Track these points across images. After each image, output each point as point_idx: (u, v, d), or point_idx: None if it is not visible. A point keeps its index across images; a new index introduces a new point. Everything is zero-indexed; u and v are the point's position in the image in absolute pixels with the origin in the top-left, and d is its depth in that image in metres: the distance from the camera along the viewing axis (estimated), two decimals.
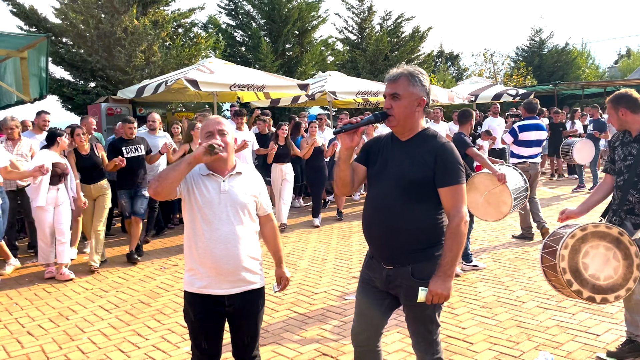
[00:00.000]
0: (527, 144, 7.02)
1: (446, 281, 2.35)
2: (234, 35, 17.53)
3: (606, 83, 23.93)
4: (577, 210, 3.59)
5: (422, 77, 2.44)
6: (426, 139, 2.47)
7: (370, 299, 2.64)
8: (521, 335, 4.00)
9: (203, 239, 2.53)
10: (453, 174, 2.39)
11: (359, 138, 2.49)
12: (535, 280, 5.31)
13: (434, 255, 2.44)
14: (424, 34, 20.05)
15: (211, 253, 2.52)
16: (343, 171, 2.55)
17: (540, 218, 6.99)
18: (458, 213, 2.37)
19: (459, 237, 2.35)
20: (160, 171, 2.54)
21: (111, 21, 11.68)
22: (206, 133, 2.56)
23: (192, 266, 2.59)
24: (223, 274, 2.55)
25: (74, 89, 12.10)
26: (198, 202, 2.53)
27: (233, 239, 2.55)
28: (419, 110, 2.46)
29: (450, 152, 2.41)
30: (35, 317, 4.91)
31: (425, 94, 2.45)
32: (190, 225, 2.57)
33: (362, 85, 12.63)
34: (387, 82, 2.48)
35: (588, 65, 33.28)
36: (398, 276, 2.49)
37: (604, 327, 4.07)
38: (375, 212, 2.52)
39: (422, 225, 2.43)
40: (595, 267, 3.15)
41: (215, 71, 9.91)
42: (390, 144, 2.56)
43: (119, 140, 6.95)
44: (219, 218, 2.53)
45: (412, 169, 2.41)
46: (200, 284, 2.57)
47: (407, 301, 2.51)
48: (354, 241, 7.38)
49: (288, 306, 4.90)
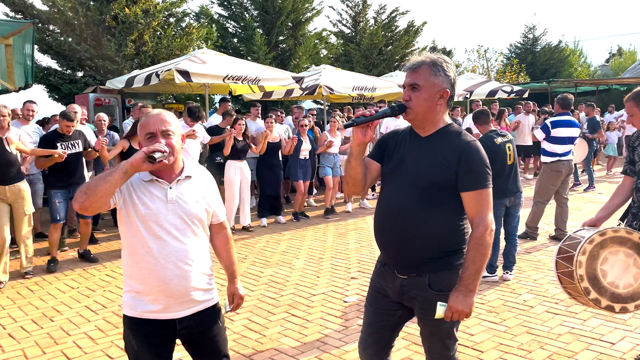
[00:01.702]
0: (560, 141, 6.75)
1: (468, 296, 2.12)
2: (226, 26, 17.18)
3: (599, 81, 23.92)
4: (596, 218, 3.36)
5: (447, 67, 2.17)
6: (449, 136, 2.20)
7: (381, 309, 2.41)
8: (533, 343, 3.80)
9: (148, 257, 2.11)
10: (479, 176, 2.13)
11: (372, 132, 2.22)
12: (541, 283, 5.13)
13: (454, 265, 2.21)
14: (418, 29, 19.83)
15: (158, 274, 2.11)
16: (354, 168, 2.27)
17: (563, 227, 6.78)
18: (483, 221, 2.12)
19: (484, 247, 2.11)
20: (87, 182, 2.03)
21: (100, 9, 11.33)
22: (147, 135, 2.12)
23: (134, 287, 2.16)
24: (173, 296, 2.14)
25: (61, 78, 11.74)
26: (140, 214, 2.10)
27: (184, 256, 2.15)
28: (441, 104, 2.19)
29: (477, 152, 2.15)
30: (17, 317, 4.64)
31: (449, 86, 2.18)
32: (130, 241, 2.13)
33: (357, 79, 12.39)
34: (406, 71, 2.21)
35: (580, 63, 33.29)
36: (413, 287, 2.25)
37: (618, 335, 3.89)
38: (389, 216, 2.27)
39: (441, 231, 2.18)
40: (614, 275, 2.95)
41: (207, 62, 9.62)
42: (408, 140, 2.29)
43: (53, 135, 6.09)
44: (167, 232, 2.12)
45: (432, 170, 2.16)
46: (144, 308, 2.15)
47: (422, 315, 2.28)
48: (351, 239, 7.17)
49: (285, 309, 4.67)
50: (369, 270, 5.71)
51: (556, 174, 6.77)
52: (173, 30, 12.92)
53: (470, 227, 2.17)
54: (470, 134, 6.71)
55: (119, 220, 2.17)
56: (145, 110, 8.57)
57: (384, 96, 13.40)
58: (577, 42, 35.06)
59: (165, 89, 11.76)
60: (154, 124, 2.13)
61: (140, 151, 2.03)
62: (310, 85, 11.36)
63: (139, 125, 2.19)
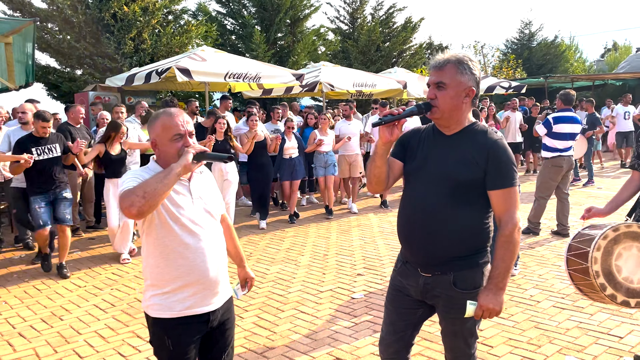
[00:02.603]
0: (561, 137, 6.79)
1: (498, 294, 2.13)
2: (224, 23, 17.13)
3: (595, 76, 23.98)
4: (604, 210, 3.41)
5: (472, 65, 2.17)
6: (475, 135, 2.20)
7: (402, 308, 2.42)
8: (542, 337, 3.84)
9: (186, 253, 2.14)
10: (507, 175, 2.13)
11: (399, 131, 2.23)
12: (547, 278, 5.17)
13: (478, 263, 2.23)
14: (416, 25, 19.80)
15: (198, 268, 2.16)
16: (379, 167, 2.28)
17: (566, 222, 6.84)
18: (511, 219, 2.13)
19: (513, 245, 2.13)
20: (140, 186, 1.95)
21: (99, 7, 11.29)
22: (175, 136, 2.12)
23: (167, 288, 2.16)
24: (210, 287, 2.22)
25: (60, 76, 11.70)
26: (171, 213, 2.11)
27: (215, 247, 2.25)
28: (466, 102, 2.19)
29: (504, 151, 2.15)
30: (26, 317, 4.65)
31: (474, 84, 2.18)
32: (163, 241, 2.13)
33: (357, 76, 12.40)
34: (431, 70, 2.21)
35: (576, 58, 33.39)
36: (437, 285, 2.26)
37: (626, 329, 3.93)
38: (414, 215, 2.27)
39: (466, 230, 2.18)
40: (628, 270, 2.98)
41: (207, 59, 9.61)
42: (431, 138, 2.29)
43: (27, 138, 5.64)
44: (198, 226, 2.18)
45: (459, 168, 2.16)
46: (182, 306, 2.17)
47: (446, 314, 2.30)
48: (354, 236, 7.20)
49: (294, 305, 4.70)
50: (375, 267, 5.74)
51: (557, 169, 6.81)
52: (172, 28, 12.89)
53: (498, 225, 2.18)
54: None
55: (147, 225, 2.14)
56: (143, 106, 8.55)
57: (383, 93, 13.43)
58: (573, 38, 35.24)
59: (165, 86, 11.74)
60: (181, 125, 2.14)
61: (187, 152, 2.05)
62: (310, 82, 11.36)
63: (160, 126, 2.15)
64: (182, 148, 2.11)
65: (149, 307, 2.21)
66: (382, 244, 6.70)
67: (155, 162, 2.21)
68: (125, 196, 1.94)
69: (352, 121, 9.21)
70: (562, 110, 6.95)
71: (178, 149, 2.12)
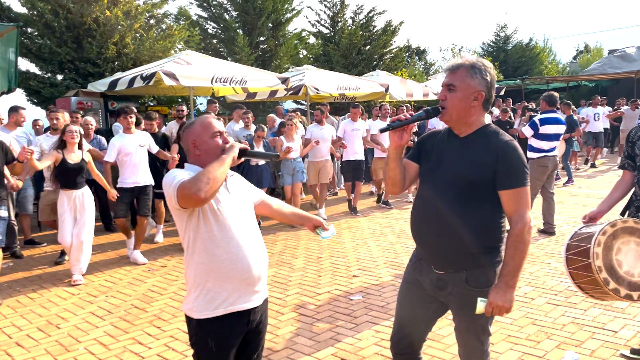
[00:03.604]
0: (547, 138, 6.94)
1: (508, 292, 2.19)
2: (205, 27, 17.08)
3: (569, 78, 24.53)
4: (597, 210, 3.50)
5: (484, 69, 2.25)
6: (487, 136, 2.27)
7: (416, 302, 2.48)
8: (540, 333, 3.94)
9: (229, 247, 2.21)
10: (517, 175, 2.19)
11: (408, 136, 2.34)
12: (538, 275, 5.29)
13: (492, 262, 2.29)
14: (396, 28, 20.00)
15: (242, 262, 2.23)
16: (392, 170, 2.40)
17: (551, 220, 6.99)
18: (522, 218, 2.19)
19: (523, 244, 2.18)
20: (202, 173, 2.08)
21: (81, 11, 11.14)
22: (215, 133, 2.30)
23: (212, 287, 2.21)
24: (252, 282, 2.28)
25: (41, 81, 11.49)
26: (213, 208, 2.22)
27: (256, 242, 2.34)
28: (475, 105, 2.25)
29: (515, 151, 2.21)
30: (22, 326, 4.58)
31: (484, 88, 2.24)
32: (205, 237, 2.20)
33: (341, 79, 12.49)
34: (445, 72, 2.30)
35: (549, 60, 34.03)
36: (450, 282, 2.33)
37: (619, 323, 4.06)
38: (428, 215, 2.34)
39: (479, 229, 2.24)
40: (628, 264, 3.08)
41: (192, 63, 9.58)
42: (446, 140, 2.37)
43: None
44: (239, 221, 2.29)
45: (470, 169, 2.23)
46: (225, 303, 2.22)
47: (459, 311, 2.36)
48: (345, 238, 7.25)
49: (293, 308, 4.72)
50: (369, 268, 5.80)
51: (543, 169, 6.98)
52: (155, 32, 12.79)
53: (509, 224, 2.25)
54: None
55: (192, 221, 2.20)
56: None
57: (367, 96, 13.54)
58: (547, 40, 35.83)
59: (148, 91, 11.64)
60: (218, 125, 2.32)
61: (233, 146, 2.26)
62: (295, 85, 11.41)
63: (199, 126, 2.30)
64: (224, 144, 2.28)
65: (193, 309, 2.23)
66: (374, 245, 6.76)
67: (191, 165, 2.31)
68: (189, 184, 2.05)
69: (325, 126, 8.92)
70: (547, 111, 7.12)
71: (219, 145, 2.28)
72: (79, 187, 5.86)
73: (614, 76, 21.37)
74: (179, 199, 2.09)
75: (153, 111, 9.13)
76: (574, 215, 8.08)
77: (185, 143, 2.35)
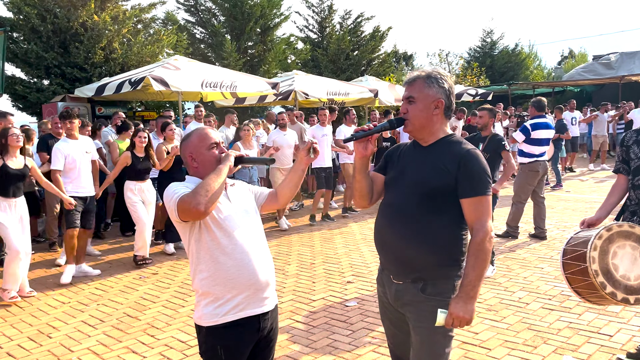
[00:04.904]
0: (538, 143, 7.01)
1: (468, 303, 2.11)
2: (193, 32, 17.00)
3: (555, 83, 24.84)
4: (595, 217, 3.50)
5: (440, 78, 2.24)
6: (450, 145, 2.24)
7: (392, 318, 2.39)
8: (536, 338, 3.95)
9: (234, 254, 2.20)
10: (478, 183, 2.14)
11: (373, 146, 2.36)
12: (532, 280, 5.32)
13: (451, 275, 2.21)
14: (384, 34, 20.08)
15: (247, 268, 2.21)
16: (358, 182, 2.38)
17: (543, 225, 7.04)
18: (482, 227, 2.12)
19: (484, 254, 2.11)
20: (200, 186, 2.11)
21: (68, 16, 11.03)
22: (212, 144, 2.30)
23: (220, 294, 2.20)
24: (260, 288, 2.26)
25: (27, 87, 11.36)
26: (214, 218, 2.21)
27: (261, 248, 2.32)
28: (437, 114, 2.24)
29: (476, 159, 2.17)
30: (12, 335, 4.49)
31: (443, 96, 2.24)
32: (210, 245, 2.21)
33: (330, 85, 12.51)
34: (404, 85, 2.30)
35: (535, 66, 34.43)
36: (406, 292, 2.23)
37: (614, 327, 4.08)
38: (388, 222, 2.28)
39: (439, 239, 2.18)
40: (624, 268, 3.10)
41: (181, 68, 9.54)
42: (412, 150, 2.36)
43: None
44: (242, 229, 2.27)
45: (432, 175, 2.19)
46: (234, 310, 2.21)
47: (415, 322, 2.22)
48: (338, 244, 7.24)
49: (288, 315, 4.69)
50: (363, 274, 5.79)
51: (534, 173, 7.04)
52: (142, 37, 12.71)
53: (470, 233, 2.19)
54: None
55: (196, 231, 2.21)
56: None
57: (356, 101, 13.57)
58: (532, 46, 36.16)
59: (136, 96, 11.55)
60: (214, 135, 2.33)
61: (229, 155, 2.28)
62: (284, 90, 11.40)
63: (196, 138, 2.31)
64: (219, 155, 2.30)
65: (202, 317, 2.23)
66: (367, 251, 6.76)
67: (191, 177, 2.33)
68: (189, 198, 2.09)
69: (287, 131, 8.50)
70: (537, 117, 7.19)
71: (216, 156, 2.30)
72: (18, 196, 5.41)
73: (599, 81, 21.68)
74: (179, 213, 2.13)
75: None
76: (564, 219, 8.15)
77: (183, 156, 2.37)
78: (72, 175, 6.01)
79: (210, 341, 2.22)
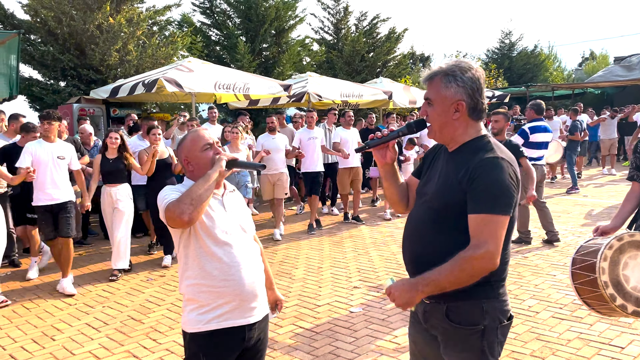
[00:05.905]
0: (536, 146, 6.90)
1: (411, 292, 1.88)
2: (208, 34, 17.05)
3: (574, 85, 24.41)
4: (611, 225, 3.37)
5: (459, 74, 1.93)
6: (472, 151, 1.94)
7: (420, 335, 2.17)
8: (544, 349, 3.83)
9: (221, 264, 2.16)
10: (486, 199, 1.84)
11: (392, 153, 2.17)
12: (543, 288, 5.18)
13: (474, 296, 1.93)
14: (399, 35, 19.94)
15: (233, 277, 2.17)
16: (387, 189, 2.27)
17: (552, 228, 6.88)
18: (481, 246, 1.81)
19: (461, 271, 1.82)
20: (185, 195, 2.08)
21: (84, 18, 11.14)
22: (205, 145, 2.25)
23: (204, 301, 2.17)
24: (247, 299, 2.21)
25: (44, 88, 11.49)
26: (204, 225, 2.16)
27: (251, 258, 2.27)
28: (457, 117, 1.96)
29: (491, 171, 1.85)
30: (16, 337, 4.51)
31: (465, 96, 1.93)
32: (198, 252, 2.17)
33: (344, 86, 12.45)
34: (425, 83, 2.03)
35: (555, 67, 33.93)
36: (433, 314, 2.03)
37: (626, 339, 3.94)
38: (407, 237, 2.12)
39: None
40: (636, 279, 2.98)
41: (194, 70, 9.57)
42: (441, 155, 2.14)
43: None
44: (233, 239, 2.23)
45: (444, 189, 1.96)
46: (218, 319, 2.17)
47: (444, 349, 2.03)
48: (347, 248, 7.16)
49: (292, 320, 4.63)
50: (371, 279, 5.71)
51: None
52: (157, 39, 12.78)
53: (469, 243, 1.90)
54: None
55: (185, 238, 2.19)
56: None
57: (369, 103, 13.48)
58: (552, 47, 35.59)
59: (150, 98, 11.63)
60: (209, 136, 2.29)
61: (220, 159, 2.20)
62: (297, 92, 11.37)
63: (189, 141, 2.28)
64: (214, 156, 2.23)
65: (186, 323, 2.22)
66: (376, 255, 6.67)
67: (189, 180, 2.30)
68: (173, 206, 2.06)
69: (277, 135, 8.11)
70: (535, 120, 7.09)
71: (210, 157, 2.24)
72: None
73: (620, 83, 21.24)
74: (167, 221, 2.13)
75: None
76: (579, 224, 7.96)
77: (179, 161, 2.36)
78: (38, 179, 5.48)
79: (193, 347, 2.20)
